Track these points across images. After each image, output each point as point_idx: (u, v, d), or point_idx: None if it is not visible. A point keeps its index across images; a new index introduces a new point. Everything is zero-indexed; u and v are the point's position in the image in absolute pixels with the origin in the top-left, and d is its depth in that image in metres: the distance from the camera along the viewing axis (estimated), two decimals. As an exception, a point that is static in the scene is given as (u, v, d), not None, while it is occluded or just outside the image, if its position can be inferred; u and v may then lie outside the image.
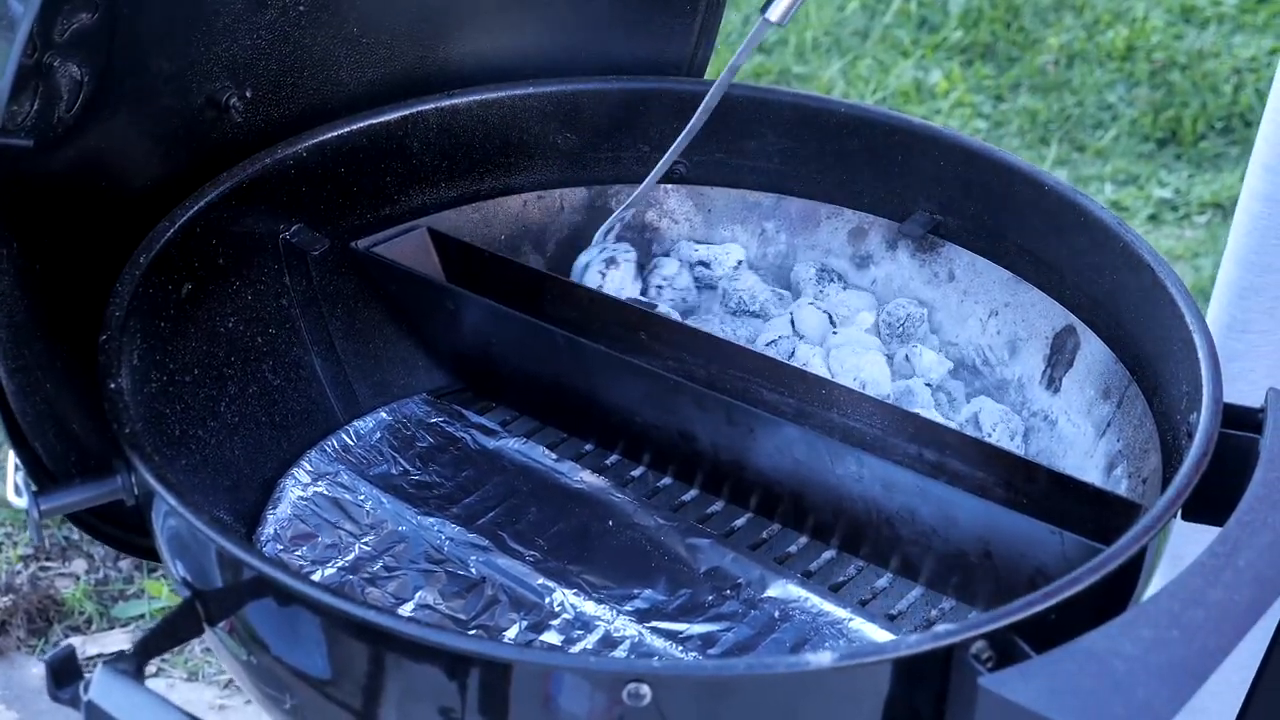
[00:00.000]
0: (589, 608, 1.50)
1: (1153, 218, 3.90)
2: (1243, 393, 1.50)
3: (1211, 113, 4.22)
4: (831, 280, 1.81)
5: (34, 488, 1.37)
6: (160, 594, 2.80)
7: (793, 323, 1.77)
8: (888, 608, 1.53)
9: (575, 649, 1.46)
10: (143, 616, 2.77)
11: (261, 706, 1.42)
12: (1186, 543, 1.43)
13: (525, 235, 1.84)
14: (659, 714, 1.17)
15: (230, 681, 2.66)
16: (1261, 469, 1.31)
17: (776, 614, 1.50)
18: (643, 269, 1.82)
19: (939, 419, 1.63)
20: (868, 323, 1.77)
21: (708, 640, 1.47)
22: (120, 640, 2.71)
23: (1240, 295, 1.96)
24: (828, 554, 1.58)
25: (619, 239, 1.83)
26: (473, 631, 1.48)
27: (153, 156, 1.61)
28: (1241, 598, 1.19)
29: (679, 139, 1.74)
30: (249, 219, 1.65)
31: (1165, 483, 1.44)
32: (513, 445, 1.70)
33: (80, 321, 1.46)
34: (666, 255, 1.85)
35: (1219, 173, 4.02)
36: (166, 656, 2.71)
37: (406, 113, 1.76)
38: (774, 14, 1.65)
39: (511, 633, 1.48)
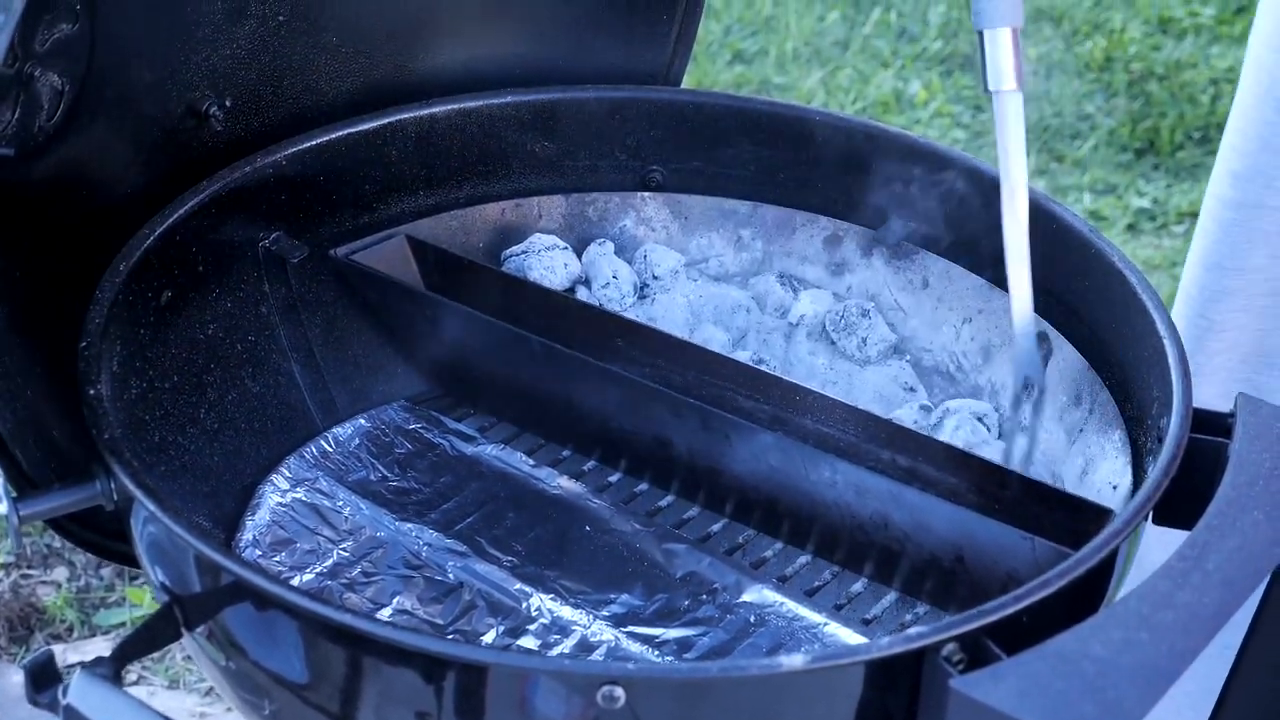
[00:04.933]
0: (566, 612, 1.51)
1: (1131, 227, 3.91)
2: (1223, 385, 1.51)
3: (1189, 123, 4.23)
4: (789, 288, 1.83)
5: (13, 494, 1.37)
6: (142, 601, 2.80)
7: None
8: (863, 612, 1.54)
9: (552, 653, 1.47)
10: (124, 624, 2.78)
11: (241, 712, 1.42)
12: (1157, 546, 1.45)
13: (504, 243, 1.84)
14: (633, 716, 1.17)
15: (211, 689, 2.67)
16: (1230, 473, 1.33)
17: (752, 619, 1.51)
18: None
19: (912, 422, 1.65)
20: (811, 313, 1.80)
21: (684, 645, 1.48)
22: (102, 648, 2.72)
23: (1213, 299, 1.98)
24: (803, 559, 1.59)
25: None
26: (450, 636, 1.48)
27: (133, 165, 1.62)
28: (1210, 600, 1.20)
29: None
30: (229, 227, 1.66)
31: (1136, 487, 1.45)
32: (491, 451, 1.71)
33: (61, 328, 1.46)
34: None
35: (1197, 182, 4.03)
36: (148, 664, 2.71)
37: (385, 121, 1.77)
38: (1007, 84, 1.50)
39: (489, 637, 1.49)
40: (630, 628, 1.49)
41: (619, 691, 1.16)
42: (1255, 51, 1.92)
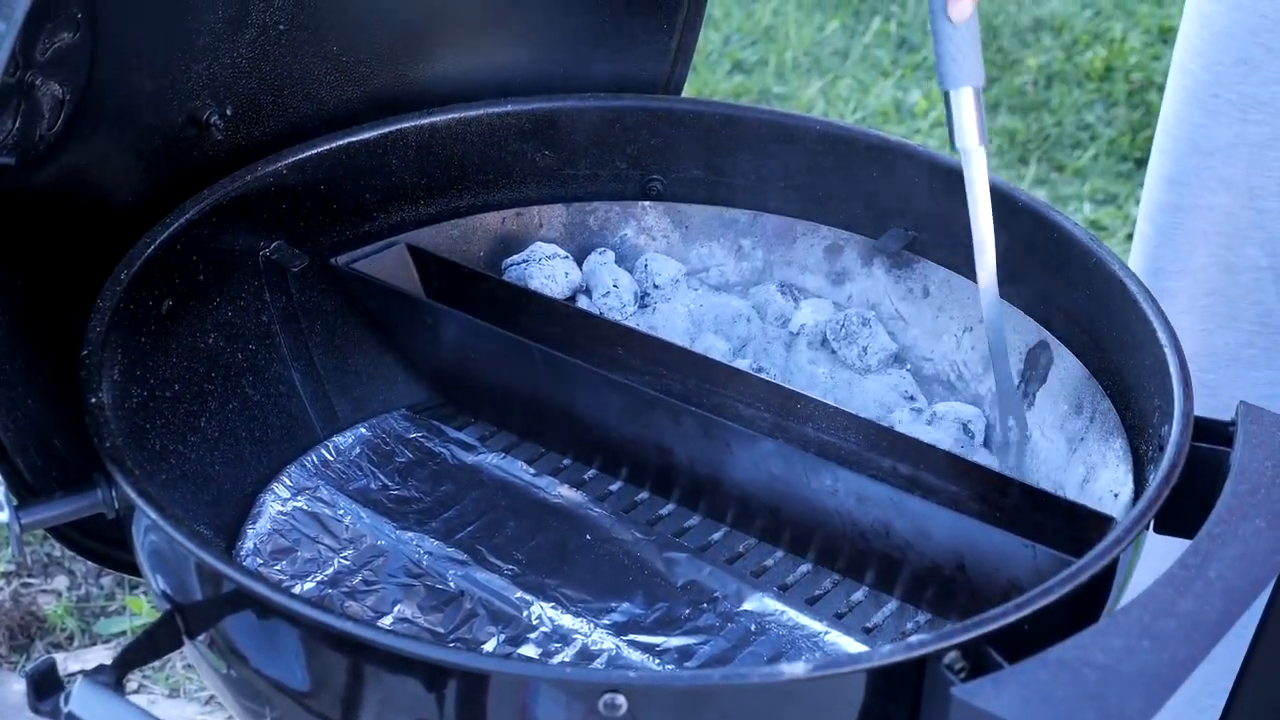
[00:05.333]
0: (567, 621, 1.51)
1: (1131, 237, 3.91)
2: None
3: (1189, 132, 4.22)
4: (790, 297, 1.83)
5: (15, 502, 1.37)
6: (142, 610, 2.80)
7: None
8: (864, 621, 1.54)
9: (553, 662, 1.47)
10: (124, 633, 2.78)
11: (241, 720, 1.43)
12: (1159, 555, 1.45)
13: (504, 252, 1.84)
14: (635, 724, 1.18)
15: (211, 698, 2.67)
16: (1231, 481, 1.33)
17: (753, 627, 1.51)
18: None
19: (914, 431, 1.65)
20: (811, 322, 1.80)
21: (684, 653, 1.48)
22: (102, 656, 2.71)
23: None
24: (804, 567, 1.59)
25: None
26: (451, 645, 1.48)
27: (134, 174, 1.62)
28: (1212, 608, 1.20)
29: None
30: (229, 236, 1.66)
31: (1137, 496, 1.45)
32: (491, 460, 1.71)
33: (62, 337, 1.47)
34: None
35: (1196, 192, 4.03)
36: (148, 672, 2.71)
37: (386, 130, 1.77)
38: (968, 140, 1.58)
39: (490, 646, 1.49)
40: (631, 636, 1.49)
41: (621, 699, 1.16)
42: (1180, 58, 1.95)
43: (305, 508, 1.64)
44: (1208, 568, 1.24)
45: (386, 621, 1.51)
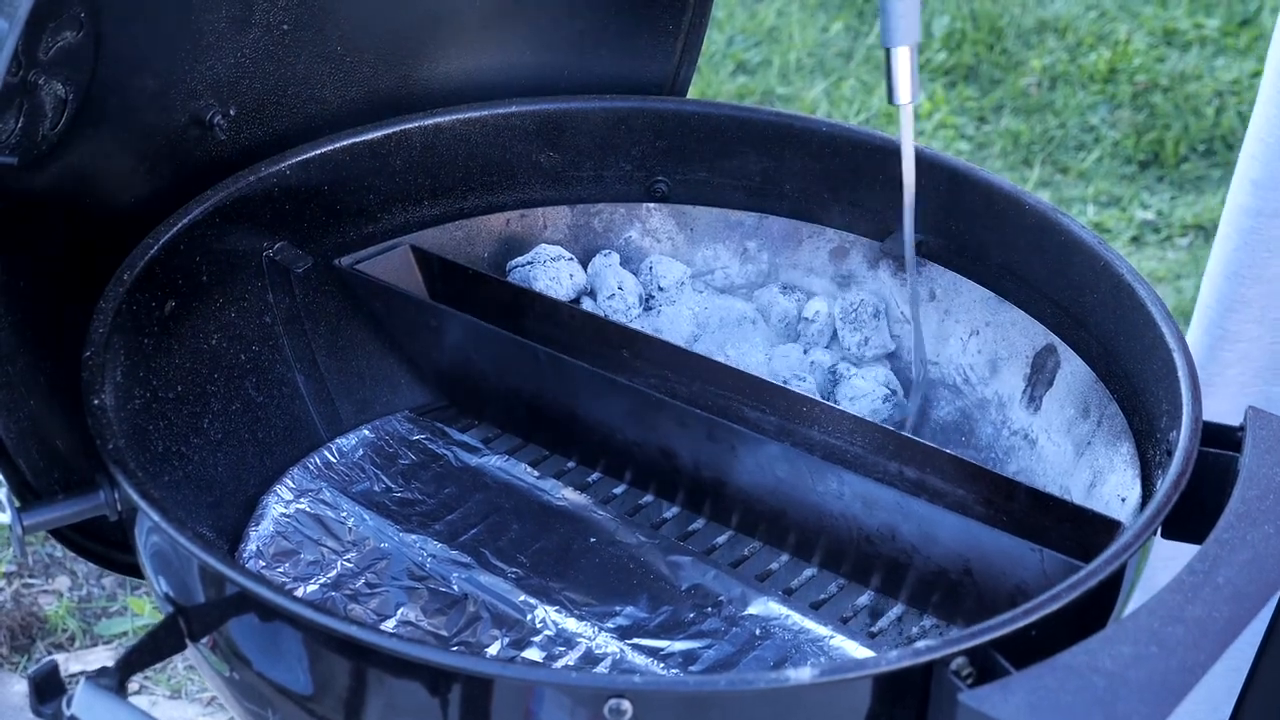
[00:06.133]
0: (570, 625, 1.50)
1: (1135, 239, 3.91)
2: (1235, 398, 1.50)
3: (1194, 135, 4.23)
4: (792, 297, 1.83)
5: (17, 504, 1.37)
6: (143, 611, 2.79)
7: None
8: (869, 625, 1.53)
9: (557, 666, 1.46)
10: (126, 634, 2.77)
11: (243, 724, 1.42)
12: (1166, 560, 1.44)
13: (509, 254, 1.84)
14: (640, 730, 1.17)
15: (213, 699, 2.66)
16: (1240, 487, 1.32)
17: (757, 631, 1.51)
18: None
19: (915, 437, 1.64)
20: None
21: (689, 657, 1.48)
22: (103, 657, 2.71)
23: (1229, 309, 1.98)
24: (809, 571, 1.58)
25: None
26: (455, 648, 1.48)
27: (137, 174, 1.61)
28: (1220, 614, 1.20)
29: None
30: (232, 236, 1.65)
31: (1145, 500, 1.44)
32: (495, 463, 1.71)
33: (64, 338, 1.46)
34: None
35: (1201, 195, 4.03)
36: (149, 674, 2.71)
37: (390, 131, 1.77)
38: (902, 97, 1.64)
39: (493, 649, 1.48)
40: (635, 640, 1.49)
41: (626, 704, 1.16)
42: (1276, 59, 1.91)
43: (308, 510, 1.63)
44: (1216, 573, 1.23)
45: (390, 625, 1.51)
